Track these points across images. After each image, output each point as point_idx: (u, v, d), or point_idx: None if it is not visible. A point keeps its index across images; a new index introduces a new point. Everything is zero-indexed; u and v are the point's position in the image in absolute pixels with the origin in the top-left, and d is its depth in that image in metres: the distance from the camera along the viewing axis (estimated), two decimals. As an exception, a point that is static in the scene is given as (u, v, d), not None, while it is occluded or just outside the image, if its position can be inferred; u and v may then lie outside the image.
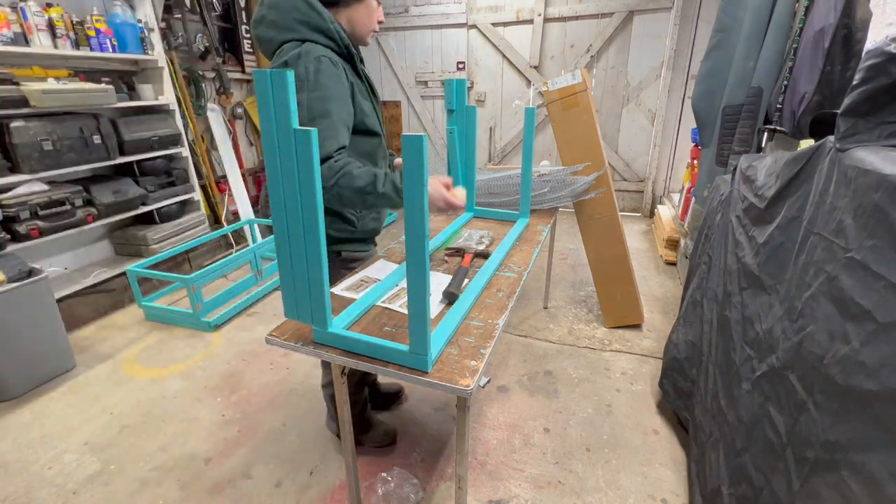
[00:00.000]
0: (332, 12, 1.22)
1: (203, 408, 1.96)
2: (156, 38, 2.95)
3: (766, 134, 1.85)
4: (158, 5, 2.98)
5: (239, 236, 3.69)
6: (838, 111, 0.93)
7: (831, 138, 0.99)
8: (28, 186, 2.36)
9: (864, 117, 0.87)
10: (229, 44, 3.83)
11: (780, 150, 1.59)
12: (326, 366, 1.54)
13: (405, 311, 1.16)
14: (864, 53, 1.17)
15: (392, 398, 1.95)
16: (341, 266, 1.41)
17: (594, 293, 2.68)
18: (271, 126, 0.84)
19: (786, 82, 1.65)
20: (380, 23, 1.32)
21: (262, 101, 0.83)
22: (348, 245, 1.40)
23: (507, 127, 4.85)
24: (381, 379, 1.95)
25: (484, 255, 1.49)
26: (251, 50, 3.90)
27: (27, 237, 2.31)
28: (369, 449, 1.70)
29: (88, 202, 2.60)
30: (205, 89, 3.53)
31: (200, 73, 3.47)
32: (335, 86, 1.13)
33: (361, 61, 1.31)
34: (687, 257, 2.60)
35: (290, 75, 0.79)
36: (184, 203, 3.25)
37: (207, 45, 3.53)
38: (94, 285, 2.68)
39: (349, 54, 1.24)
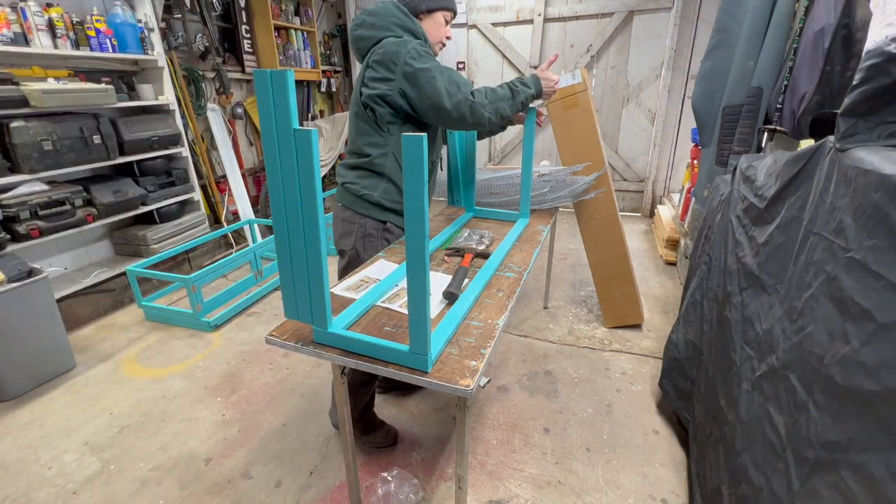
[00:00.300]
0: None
1: (203, 408, 1.96)
2: (156, 38, 2.95)
3: (766, 134, 1.84)
4: (158, 5, 2.98)
5: (239, 236, 3.69)
6: (838, 111, 0.93)
7: (831, 138, 0.99)
8: (28, 186, 2.36)
9: (864, 117, 0.87)
10: (229, 44, 3.83)
11: (780, 150, 1.59)
12: None
13: (405, 311, 1.16)
14: (864, 53, 1.17)
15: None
16: (382, 237, 1.55)
17: (594, 293, 2.68)
18: (271, 126, 0.84)
19: (786, 82, 1.65)
20: (447, 38, 1.54)
21: (262, 101, 0.83)
22: (394, 217, 1.53)
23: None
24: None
25: (484, 255, 1.49)
26: (251, 50, 3.90)
27: (27, 237, 2.31)
28: (369, 449, 1.71)
29: (88, 202, 2.60)
30: (205, 89, 3.53)
31: (200, 73, 3.47)
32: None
33: None
34: (687, 257, 2.60)
35: (290, 75, 0.80)
36: (184, 203, 3.25)
37: (207, 45, 3.53)
38: (94, 285, 2.69)
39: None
